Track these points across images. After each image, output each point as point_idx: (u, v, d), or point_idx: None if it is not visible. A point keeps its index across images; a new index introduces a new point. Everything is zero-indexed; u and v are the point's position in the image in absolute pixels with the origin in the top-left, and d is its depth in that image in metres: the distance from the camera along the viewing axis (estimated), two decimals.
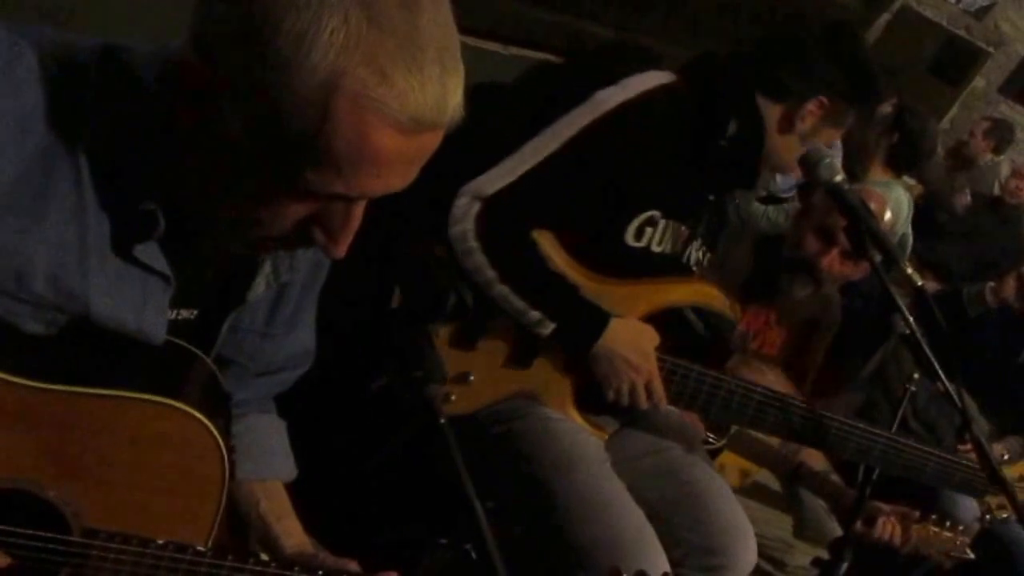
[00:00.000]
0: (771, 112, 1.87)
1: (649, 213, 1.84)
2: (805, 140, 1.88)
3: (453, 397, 1.83)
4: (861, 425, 2.01)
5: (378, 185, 0.90)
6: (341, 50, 0.82)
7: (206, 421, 1.04)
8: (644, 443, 2.07)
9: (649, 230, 1.85)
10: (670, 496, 1.98)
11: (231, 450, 1.08)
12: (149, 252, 1.01)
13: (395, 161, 0.88)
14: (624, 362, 1.81)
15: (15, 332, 0.97)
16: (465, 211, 1.68)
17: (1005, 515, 2.19)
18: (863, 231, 1.71)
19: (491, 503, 1.78)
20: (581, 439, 1.89)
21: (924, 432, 3.27)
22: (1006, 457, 3.38)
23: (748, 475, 2.69)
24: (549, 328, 1.77)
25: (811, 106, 1.85)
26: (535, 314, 1.76)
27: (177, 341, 1.09)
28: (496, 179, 1.71)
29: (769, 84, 1.86)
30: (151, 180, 0.97)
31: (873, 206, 1.92)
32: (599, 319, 1.80)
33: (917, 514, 2.44)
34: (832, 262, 2.36)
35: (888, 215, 2.56)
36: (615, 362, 1.81)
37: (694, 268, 2.01)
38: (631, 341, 1.82)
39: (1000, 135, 6.23)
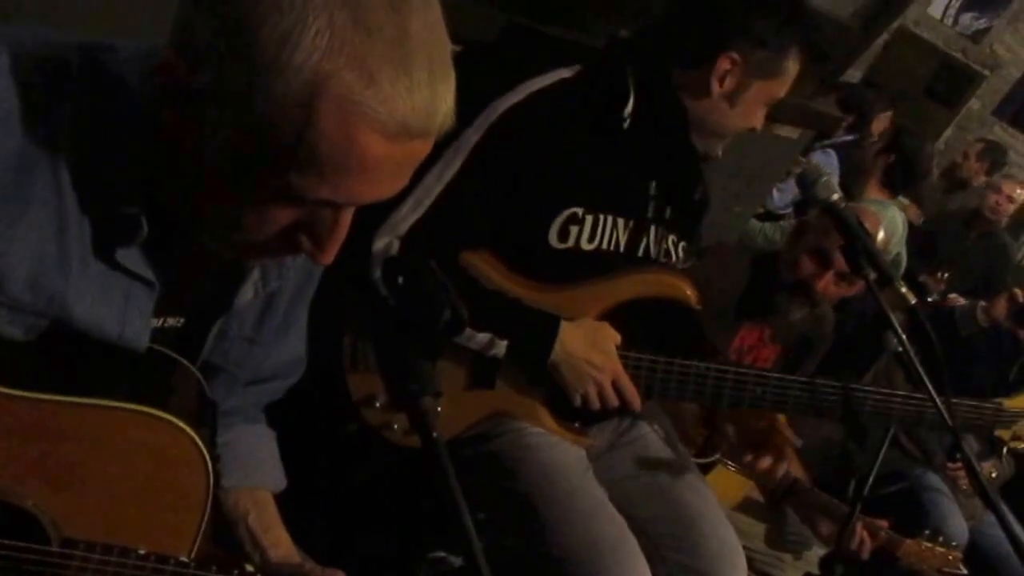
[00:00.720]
0: (686, 79, 1.78)
1: (568, 211, 1.76)
2: (739, 100, 1.78)
3: None
4: (830, 381, 1.95)
5: (365, 192, 0.88)
6: (326, 52, 0.80)
7: (190, 431, 1.03)
8: (635, 464, 2.05)
9: (574, 228, 1.77)
10: (661, 517, 1.96)
11: (216, 460, 1.06)
12: (132, 257, 0.98)
13: (382, 167, 0.86)
14: (586, 364, 1.76)
15: None
16: (384, 252, 1.64)
17: (1022, 444, 2.19)
18: (859, 250, 1.70)
19: (481, 515, 1.77)
20: (559, 450, 1.86)
21: (915, 449, 3.27)
22: (994, 475, 3.39)
23: (746, 493, 2.68)
24: (502, 347, 1.73)
25: (723, 64, 1.75)
26: (483, 336, 1.72)
27: (161, 349, 1.07)
28: (408, 214, 1.66)
29: (677, 52, 1.78)
30: (134, 183, 0.95)
31: (867, 225, 1.91)
32: (549, 325, 1.75)
33: (884, 524, 2.47)
34: (827, 284, 2.37)
35: (881, 235, 2.58)
36: (576, 366, 1.76)
37: (660, 260, 1.94)
38: (588, 342, 1.77)
39: (993, 157, 6.26)
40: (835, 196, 1.77)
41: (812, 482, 2.62)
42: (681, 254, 1.97)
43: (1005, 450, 2.10)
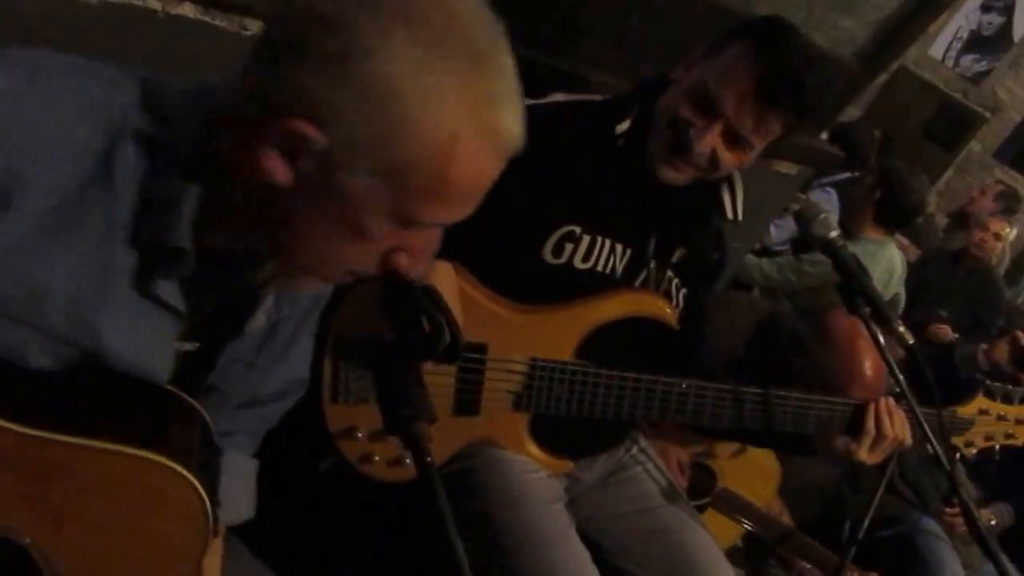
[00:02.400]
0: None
1: (566, 228, 1.76)
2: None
3: (408, 461, 1.74)
4: (751, 388, 1.91)
5: (472, 207, 0.99)
6: (462, 101, 0.89)
7: (194, 480, 1.00)
8: (629, 503, 2.02)
9: (569, 246, 1.77)
10: (659, 557, 1.93)
11: (215, 506, 1.04)
12: (167, 289, 1.01)
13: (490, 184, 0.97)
14: None
15: (17, 367, 0.96)
16: None
17: (973, 450, 2.17)
18: (855, 289, 1.67)
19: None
20: (532, 477, 1.83)
21: (910, 493, 3.23)
22: (993, 523, 3.34)
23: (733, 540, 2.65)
24: None
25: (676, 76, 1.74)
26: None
27: (175, 391, 1.07)
28: None
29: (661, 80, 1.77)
30: (187, 222, 0.97)
31: None
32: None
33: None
34: None
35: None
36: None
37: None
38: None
39: (1008, 203, 6.26)
40: (832, 234, 1.74)
41: (796, 524, 2.58)
42: (681, 301, 1.94)
43: (958, 455, 2.08)
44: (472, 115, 0.90)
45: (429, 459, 0.90)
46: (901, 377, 1.71)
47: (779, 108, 1.64)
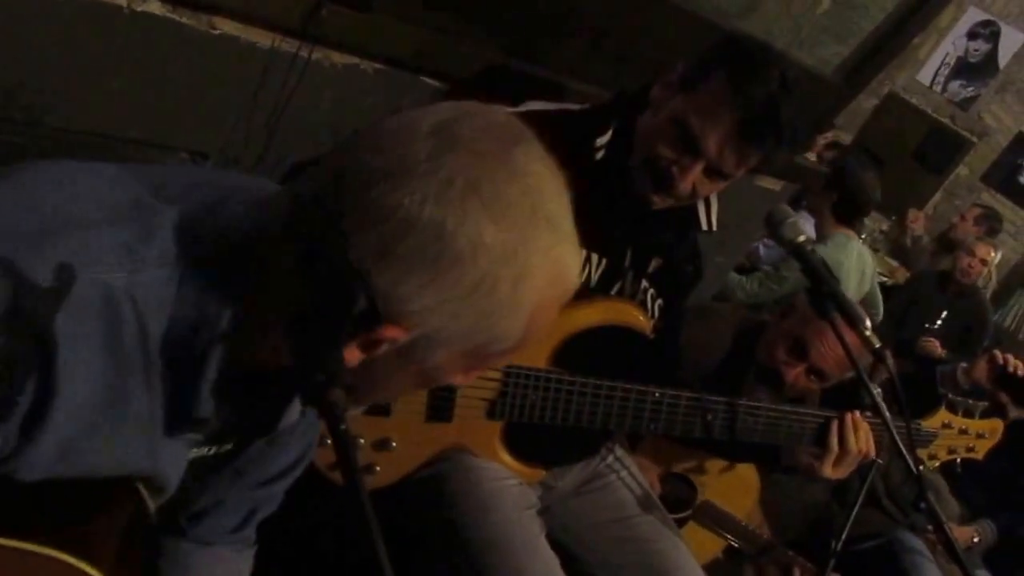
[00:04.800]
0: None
1: None
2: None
3: (378, 468, 1.74)
4: (715, 396, 1.92)
5: None
6: (545, 277, 0.90)
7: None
8: (607, 510, 2.01)
9: None
10: (636, 565, 1.92)
11: None
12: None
13: None
14: None
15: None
16: None
17: (936, 463, 2.21)
18: (824, 293, 1.67)
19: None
20: (502, 484, 1.81)
21: (896, 511, 3.21)
22: (976, 540, 3.33)
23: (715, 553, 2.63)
24: None
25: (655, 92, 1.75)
26: None
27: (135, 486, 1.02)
28: None
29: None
30: (209, 390, 0.93)
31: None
32: None
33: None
34: (798, 376, 2.28)
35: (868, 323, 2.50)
36: None
37: None
38: None
39: (990, 224, 6.30)
40: (801, 238, 1.74)
41: (786, 543, 2.56)
42: (656, 311, 1.93)
43: (921, 468, 2.10)
44: (552, 283, 0.92)
45: (344, 427, 0.86)
46: (872, 386, 1.70)
47: (759, 146, 1.66)
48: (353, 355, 0.88)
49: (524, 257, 0.87)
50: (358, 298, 0.84)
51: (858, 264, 3.95)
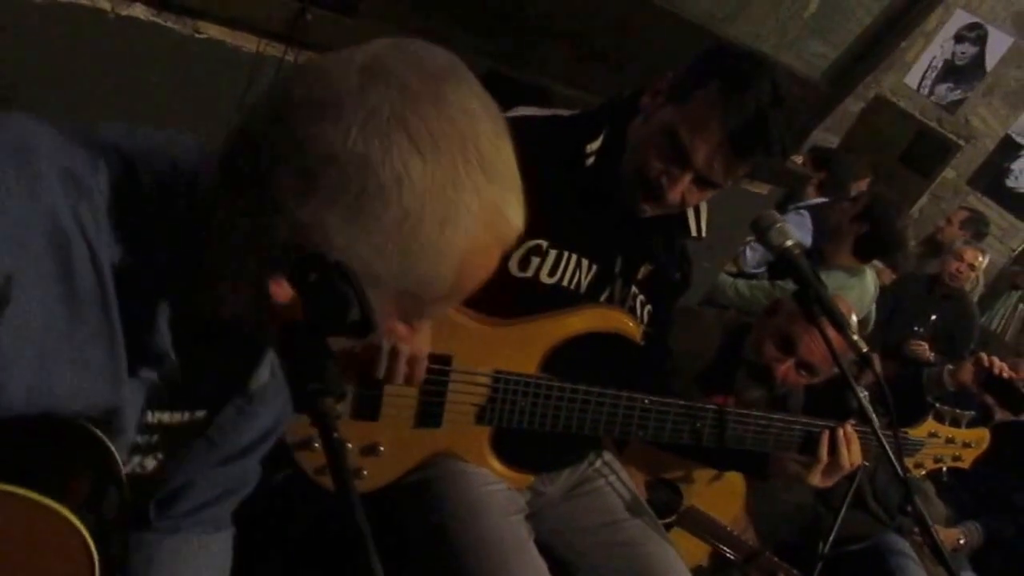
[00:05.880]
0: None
1: (532, 242, 1.75)
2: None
3: (365, 472, 1.74)
4: (705, 404, 1.93)
5: None
6: (477, 219, 0.87)
7: (81, 528, 0.92)
8: (596, 515, 2.01)
9: (535, 259, 1.76)
10: (622, 569, 1.92)
11: (110, 563, 0.97)
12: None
13: None
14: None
15: None
16: None
17: (923, 472, 2.23)
18: (811, 297, 1.67)
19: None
20: (491, 489, 1.81)
21: (882, 513, 3.22)
22: (961, 541, 3.34)
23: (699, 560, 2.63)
24: None
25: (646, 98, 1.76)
26: None
27: (89, 427, 0.98)
28: None
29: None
30: (167, 327, 0.94)
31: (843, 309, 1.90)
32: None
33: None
34: (787, 371, 2.32)
35: (854, 318, 2.52)
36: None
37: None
38: None
39: (976, 228, 6.32)
40: (788, 242, 1.74)
41: (774, 548, 2.57)
42: (646, 317, 1.94)
43: (908, 473, 2.13)
44: (486, 228, 0.88)
45: (336, 435, 0.85)
46: (859, 389, 1.71)
47: (748, 159, 1.68)
48: (284, 290, 0.86)
49: (453, 196, 0.84)
50: (280, 229, 0.83)
51: (856, 301, 3.84)
